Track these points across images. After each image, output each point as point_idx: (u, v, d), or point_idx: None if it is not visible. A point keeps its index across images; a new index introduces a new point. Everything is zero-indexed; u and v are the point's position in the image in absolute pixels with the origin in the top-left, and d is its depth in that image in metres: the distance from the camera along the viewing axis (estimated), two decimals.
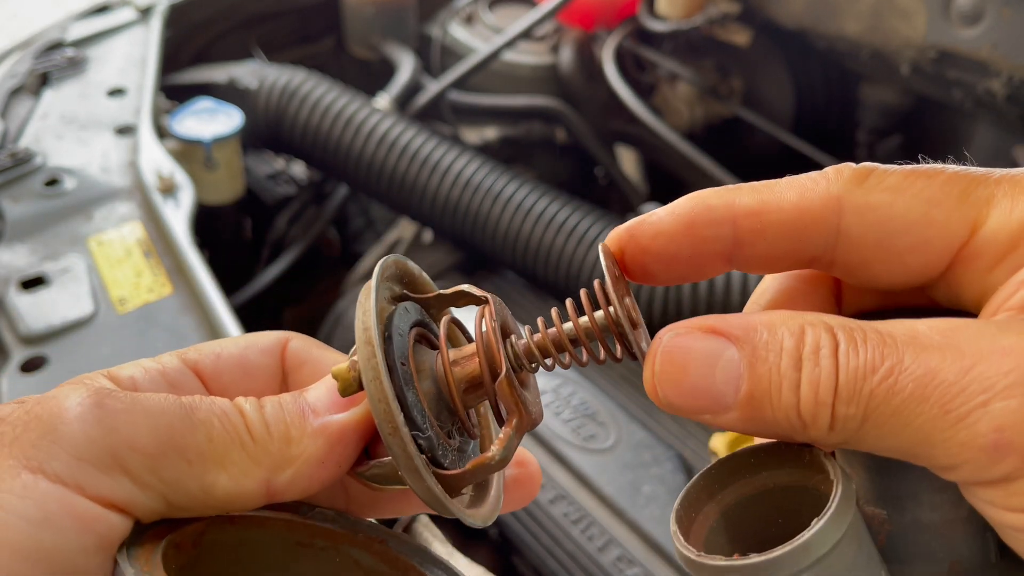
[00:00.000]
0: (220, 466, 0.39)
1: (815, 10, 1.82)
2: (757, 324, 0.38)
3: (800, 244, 0.41)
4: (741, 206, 0.41)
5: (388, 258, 0.44)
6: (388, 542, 0.44)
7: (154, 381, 0.43)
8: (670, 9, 1.98)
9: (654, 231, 0.42)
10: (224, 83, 1.88)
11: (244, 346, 0.47)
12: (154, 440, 0.38)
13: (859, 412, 0.35)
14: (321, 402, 0.42)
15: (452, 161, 1.70)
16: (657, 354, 0.39)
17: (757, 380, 0.37)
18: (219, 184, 1.69)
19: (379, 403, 0.39)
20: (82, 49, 1.78)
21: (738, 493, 0.42)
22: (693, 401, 0.38)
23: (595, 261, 1.56)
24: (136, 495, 0.38)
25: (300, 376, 0.47)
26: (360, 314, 0.40)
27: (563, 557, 1.22)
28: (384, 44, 2.14)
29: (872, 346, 0.36)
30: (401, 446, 0.39)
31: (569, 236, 1.59)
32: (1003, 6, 1.52)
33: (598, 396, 1.38)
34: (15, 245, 1.32)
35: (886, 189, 0.40)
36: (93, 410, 0.38)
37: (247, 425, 0.40)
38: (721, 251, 0.42)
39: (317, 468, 0.40)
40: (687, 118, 2.04)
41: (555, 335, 0.43)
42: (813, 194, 0.40)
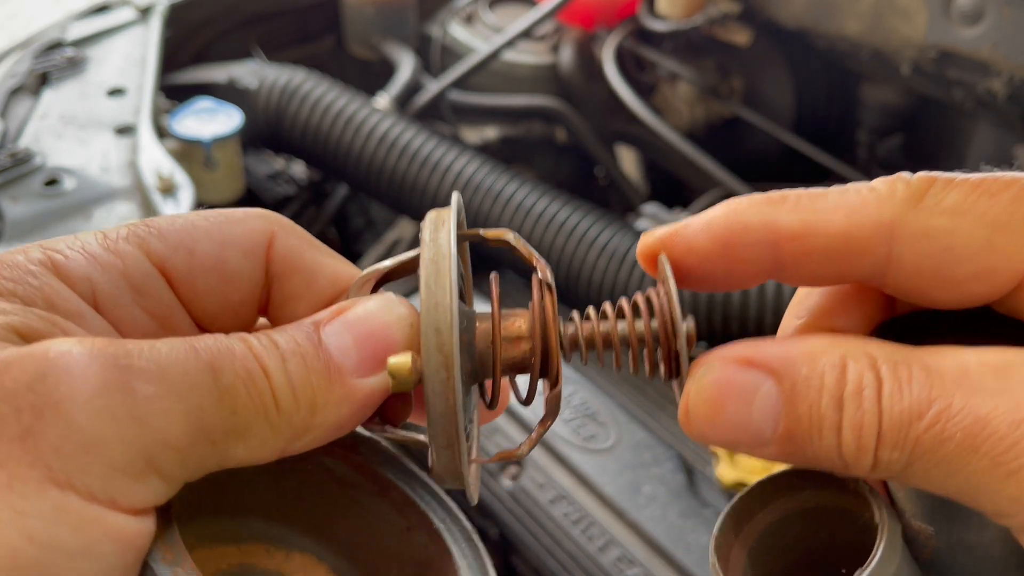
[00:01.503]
0: (240, 439, 0.34)
1: (815, 10, 1.82)
2: (796, 357, 0.35)
3: (847, 269, 0.38)
4: (783, 228, 0.38)
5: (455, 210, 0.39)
6: (361, 451, 0.41)
7: (115, 284, 0.37)
8: (670, 9, 1.98)
9: (687, 247, 0.39)
10: (224, 83, 1.88)
11: (221, 241, 0.39)
12: (187, 430, 0.33)
13: (903, 457, 0.34)
14: (347, 357, 0.36)
15: (452, 161, 1.70)
16: (691, 392, 0.37)
17: (796, 419, 0.35)
18: (219, 184, 1.69)
19: (441, 418, 0.35)
20: (82, 49, 1.78)
21: (779, 511, 0.41)
22: (729, 436, 0.36)
23: (594, 261, 1.56)
24: (163, 491, 0.33)
25: (289, 286, 0.40)
26: (432, 308, 0.35)
27: (563, 557, 1.22)
28: (384, 44, 2.14)
29: (918, 386, 0.33)
30: (452, 459, 0.36)
31: (569, 236, 1.59)
32: (1004, 6, 1.52)
33: (598, 396, 1.38)
34: (15, 245, 1.31)
35: (944, 212, 0.36)
36: (124, 401, 0.31)
37: (273, 390, 0.34)
38: (759, 271, 0.39)
39: (335, 432, 0.36)
40: (687, 118, 2.04)
41: (606, 332, 0.40)
42: (862, 217, 0.37)
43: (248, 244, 0.39)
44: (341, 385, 0.36)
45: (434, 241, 0.37)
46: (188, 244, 0.38)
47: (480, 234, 0.41)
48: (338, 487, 0.42)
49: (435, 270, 0.36)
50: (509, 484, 1.28)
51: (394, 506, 0.41)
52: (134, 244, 0.38)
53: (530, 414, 1.34)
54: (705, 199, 1.84)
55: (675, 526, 1.20)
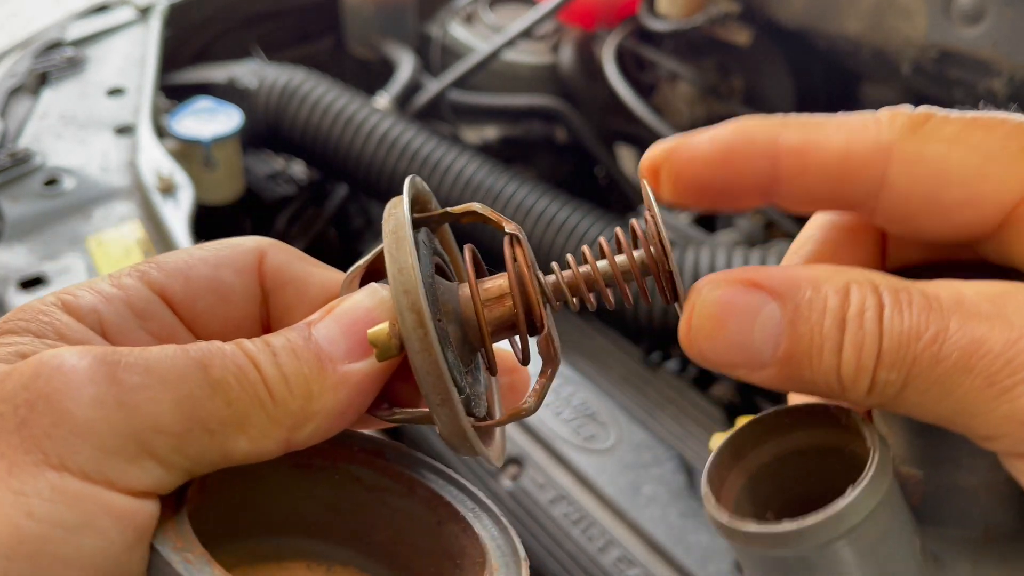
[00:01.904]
0: (240, 430, 0.36)
1: (816, 9, 1.82)
2: (801, 280, 0.36)
3: (842, 189, 0.39)
4: (785, 142, 0.39)
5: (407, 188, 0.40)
6: (385, 455, 0.42)
7: (120, 313, 0.39)
8: (671, 8, 1.98)
9: (690, 155, 0.40)
10: (224, 83, 1.88)
11: (215, 264, 0.41)
12: (179, 417, 0.34)
13: (900, 378, 0.34)
14: (337, 346, 0.38)
15: (452, 161, 1.70)
16: (694, 306, 0.37)
17: (798, 339, 0.35)
18: (219, 184, 1.69)
19: (429, 375, 0.36)
20: (81, 49, 1.78)
21: (771, 452, 0.41)
22: (729, 356, 0.37)
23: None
24: (163, 477, 0.34)
25: (283, 297, 0.42)
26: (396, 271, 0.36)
27: (563, 558, 1.22)
28: (384, 43, 2.14)
29: (918, 309, 0.34)
30: (450, 415, 0.37)
31: (569, 236, 1.59)
32: (1004, 6, 1.52)
33: (598, 396, 1.38)
34: (14, 245, 1.31)
35: (941, 139, 0.38)
36: (110, 389, 0.34)
37: (265, 381, 0.36)
38: (758, 185, 0.40)
39: (338, 420, 0.38)
40: (687, 118, 2.04)
41: (588, 273, 0.41)
42: (862, 139, 0.38)
43: (240, 263, 0.42)
44: (333, 371, 0.38)
45: (391, 216, 0.38)
46: (184, 270, 0.41)
47: (448, 211, 0.42)
48: (368, 493, 0.42)
49: (395, 239, 0.37)
50: (509, 484, 1.28)
51: (423, 503, 0.42)
52: (135, 277, 0.40)
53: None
54: None
55: (675, 526, 1.20)
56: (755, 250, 1.50)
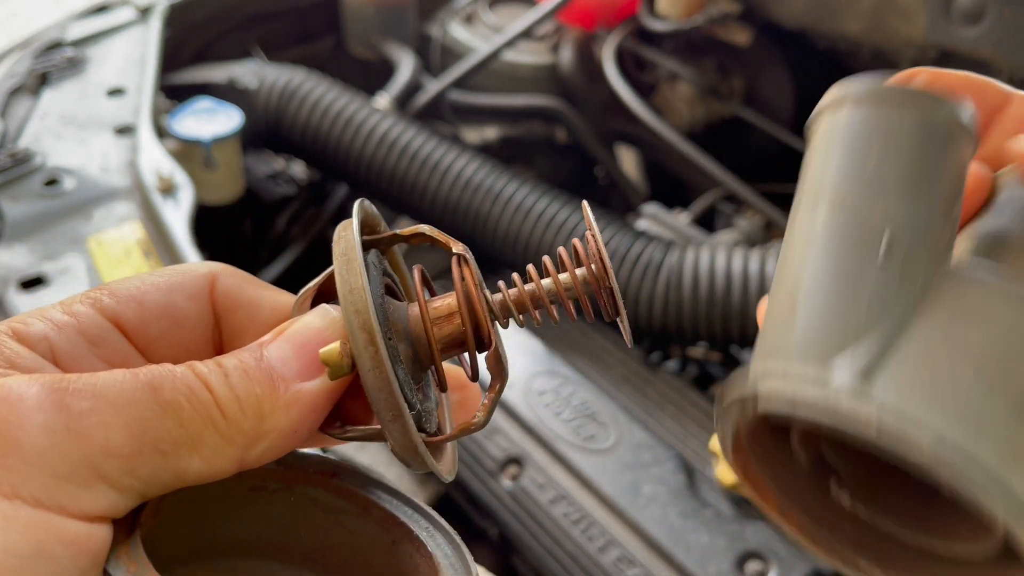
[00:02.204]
0: (192, 450, 0.36)
1: (815, 10, 1.82)
2: None
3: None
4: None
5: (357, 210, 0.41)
6: (340, 476, 0.43)
7: (72, 340, 0.39)
8: (670, 9, 1.98)
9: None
10: (224, 83, 1.88)
11: (168, 290, 0.42)
12: (130, 440, 0.35)
13: None
14: (288, 366, 0.39)
15: (452, 161, 1.70)
16: None
17: None
18: (219, 184, 1.69)
19: (380, 392, 0.37)
20: (81, 49, 1.78)
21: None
22: None
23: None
24: (116, 500, 0.35)
25: (234, 321, 0.43)
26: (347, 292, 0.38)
27: (563, 557, 1.22)
28: (384, 44, 2.14)
29: None
30: (401, 431, 0.38)
31: (569, 236, 1.59)
32: (1004, 6, 1.52)
33: (598, 396, 1.38)
34: (14, 245, 1.31)
35: None
36: (58, 415, 0.34)
37: (217, 402, 0.37)
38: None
39: (290, 438, 0.38)
40: (687, 118, 2.04)
41: (533, 291, 0.42)
42: None
43: (192, 288, 0.43)
44: (285, 391, 0.38)
45: (341, 239, 0.40)
46: (137, 296, 0.41)
47: (398, 234, 0.44)
48: (324, 514, 0.43)
49: (345, 260, 0.39)
50: (509, 484, 1.28)
51: (378, 523, 0.43)
52: (87, 304, 0.41)
53: (528, 412, 1.34)
54: (705, 199, 1.84)
55: (675, 526, 1.20)
56: (755, 250, 1.50)
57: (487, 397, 0.42)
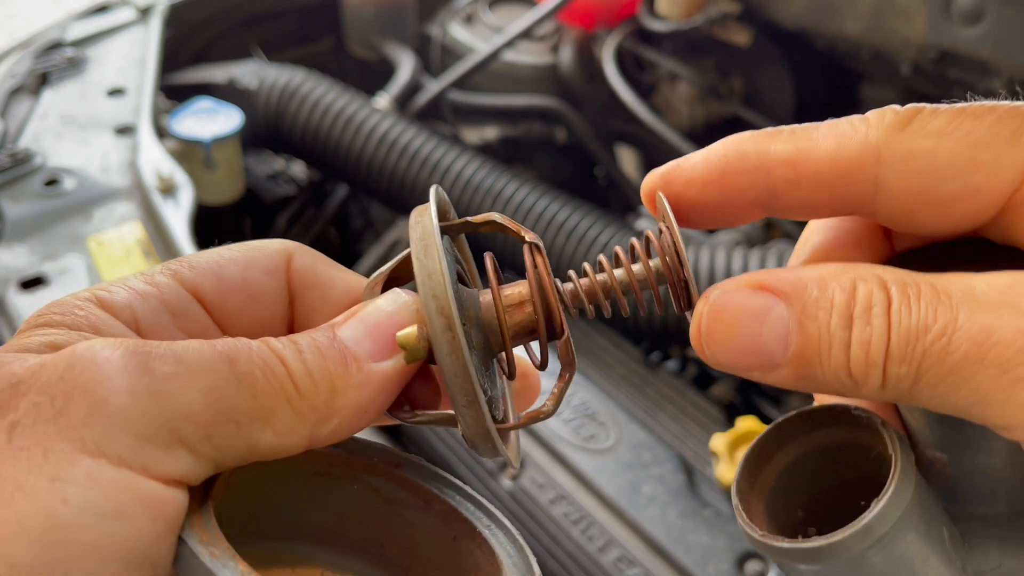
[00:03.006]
0: (266, 423, 0.36)
1: (815, 10, 1.82)
2: (807, 280, 0.36)
3: (837, 194, 0.39)
4: (776, 154, 0.39)
5: (434, 196, 0.41)
6: (404, 468, 0.43)
7: (154, 310, 0.40)
8: (670, 9, 1.98)
9: (686, 178, 0.41)
10: (224, 83, 1.88)
11: (245, 265, 0.43)
12: (208, 407, 0.35)
13: (911, 371, 0.34)
14: (361, 346, 0.39)
15: (452, 161, 1.70)
16: (704, 312, 0.38)
17: (807, 338, 0.36)
18: (219, 184, 1.69)
19: (456, 377, 0.37)
20: (82, 49, 1.78)
21: (795, 452, 0.42)
22: (741, 359, 0.37)
23: (595, 261, 1.56)
24: (193, 467, 0.35)
25: (309, 300, 0.43)
26: (425, 277, 0.38)
27: (563, 557, 1.22)
28: (384, 44, 2.14)
29: (926, 303, 0.34)
30: (475, 417, 0.38)
31: (569, 236, 1.59)
32: (1004, 6, 1.52)
33: (598, 396, 1.38)
34: (15, 245, 1.32)
35: (929, 134, 0.37)
36: (143, 378, 0.34)
37: (290, 375, 0.37)
38: (755, 199, 0.40)
39: (360, 417, 0.38)
40: (687, 118, 2.04)
41: (605, 281, 0.42)
42: (851, 143, 0.38)
43: (269, 264, 0.43)
44: (358, 370, 0.38)
45: (419, 224, 0.39)
46: (216, 270, 0.42)
47: (469, 220, 0.43)
48: (384, 505, 0.43)
49: (423, 246, 0.38)
50: (509, 484, 1.28)
51: (439, 518, 0.42)
52: (168, 275, 0.41)
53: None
54: None
55: (675, 526, 1.20)
56: (755, 250, 1.50)
57: (556, 386, 0.42)
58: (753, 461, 0.42)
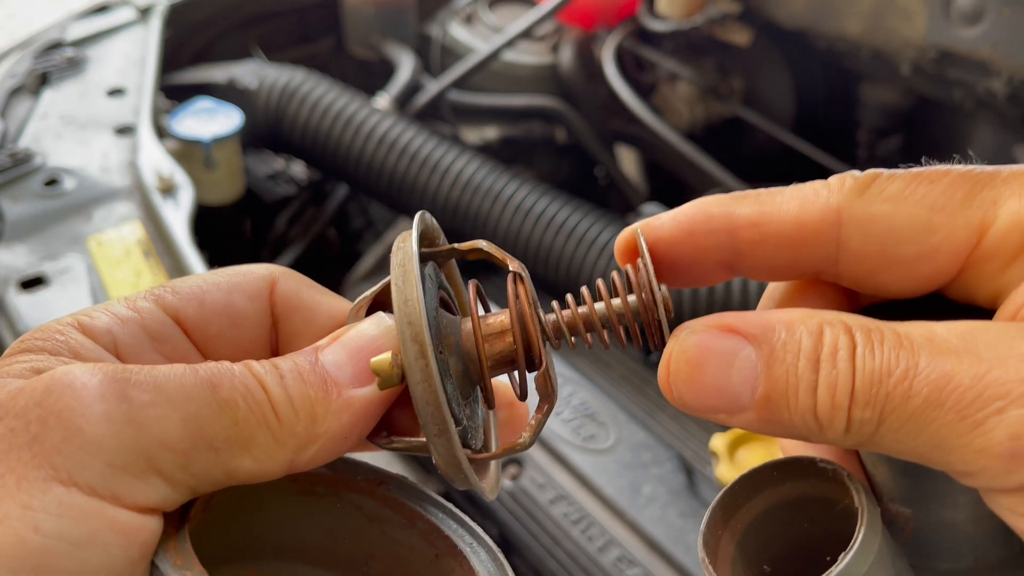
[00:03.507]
0: (245, 449, 0.36)
1: (815, 10, 1.82)
2: (775, 323, 0.37)
3: (800, 256, 0.40)
4: (740, 216, 0.40)
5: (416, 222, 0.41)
6: (387, 485, 0.43)
7: (134, 335, 0.40)
8: (670, 9, 1.98)
9: (655, 236, 0.41)
10: (224, 83, 1.88)
11: (228, 290, 0.43)
12: (185, 434, 0.35)
13: (875, 416, 0.35)
14: (342, 371, 0.39)
15: (452, 161, 1.70)
16: (672, 352, 0.38)
17: (774, 381, 0.36)
18: (219, 184, 1.69)
19: (427, 406, 0.37)
20: (81, 49, 1.78)
21: (762, 505, 0.42)
22: (708, 401, 0.38)
23: (595, 261, 1.56)
24: (168, 494, 0.35)
25: (293, 324, 0.44)
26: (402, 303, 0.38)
27: (563, 557, 1.22)
28: (384, 44, 2.14)
29: (889, 348, 0.35)
30: (447, 447, 0.38)
31: (569, 236, 1.59)
32: (1004, 6, 1.52)
33: (598, 396, 1.38)
34: (15, 245, 1.32)
35: (887, 199, 0.39)
36: (119, 406, 0.34)
37: (271, 402, 0.37)
38: (721, 260, 0.41)
39: (340, 443, 0.39)
40: (687, 118, 2.04)
41: (586, 314, 0.42)
42: (813, 206, 0.40)
43: (252, 289, 0.43)
44: (338, 396, 0.39)
45: (400, 250, 0.40)
46: (198, 295, 0.42)
47: (455, 247, 0.44)
48: (368, 522, 0.43)
49: (402, 272, 0.39)
50: (509, 484, 1.28)
51: (422, 535, 0.43)
52: (150, 301, 0.41)
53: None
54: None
55: (675, 526, 1.20)
56: None
57: (534, 418, 0.42)
58: (721, 512, 0.42)
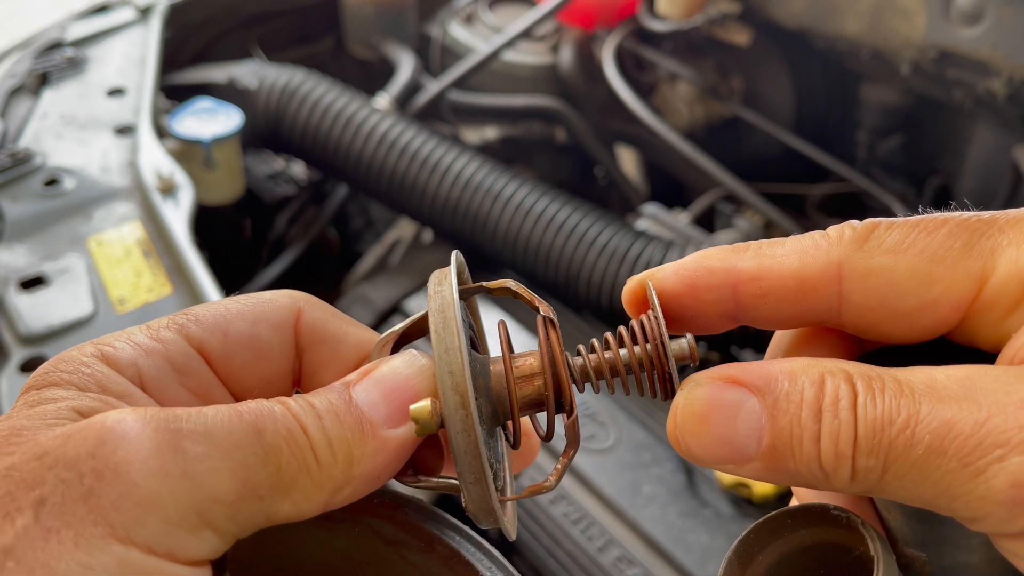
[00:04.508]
0: (286, 495, 0.37)
1: (815, 10, 1.82)
2: (778, 373, 0.37)
3: (803, 309, 0.41)
4: (742, 271, 0.41)
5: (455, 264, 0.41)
6: (406, 509, 0.43)
7: (159, 367, 0.40)
8: (670, 9, 1.98)
9: (660, 288, 0.42)
10: (224, 83, 1.88)
11: (253, 320, 0.43)
12: (235, 486, 0.35)
13: (879, 464, 0.35)
14: (377, 411, 0.39)
15: (452, 161, 1.70)
16: (679, 406, 0.39)
17: (778, 432, 0.37)
18: (219, 184, 1.69)
19: (465, 455, 0.38)
20: (82, 49, 1.78)
21: (778, 552, 0.42)
22: (715, 452, 0.38)
23: (594, 261, 1.56)
24: (217, 545, 0.36)
25: (319, 355, 0.44)
26: (443, 352, 0.38)
27: (563, 557, 1.22)
28: (384, 44, 2.14)
29: (890, 396, 0.35)
30: (481, 493, 0.39)
31: (569, 236, 1.59)
32: (1004, 6, 1.52)
33: (598, 396, 1.38)
34: (15, 245, 1.32)
35: (887, 251, 0.39)
36: (175, 459, 0.34)
37: (312, 446, 0.37)
38: (725, 312, 0.42)
39: (372, 483, 0.39)
40: (687, 118, 2.04)
41: (612, 360, 0.42)
42: (813, 260, 0.40)
43: (278, 319, 0.43)
44: (374, 437, 0.39)
45: (438, 294, 0.40)
46: (223, 325, 0.42)
47: (484, 286, 0.44)
48: (387, 547, 0.43)
49: (442, 319, 0.39)
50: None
51: (440, 560, 0.43)
52: (174, 331, 0.41)
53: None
54: (705, 199, 1.84)
55: (675, 526, 1.20)
56: None
57: (560, 462, 0.42)
58: (737, 561, 0.42)
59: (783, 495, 1.23)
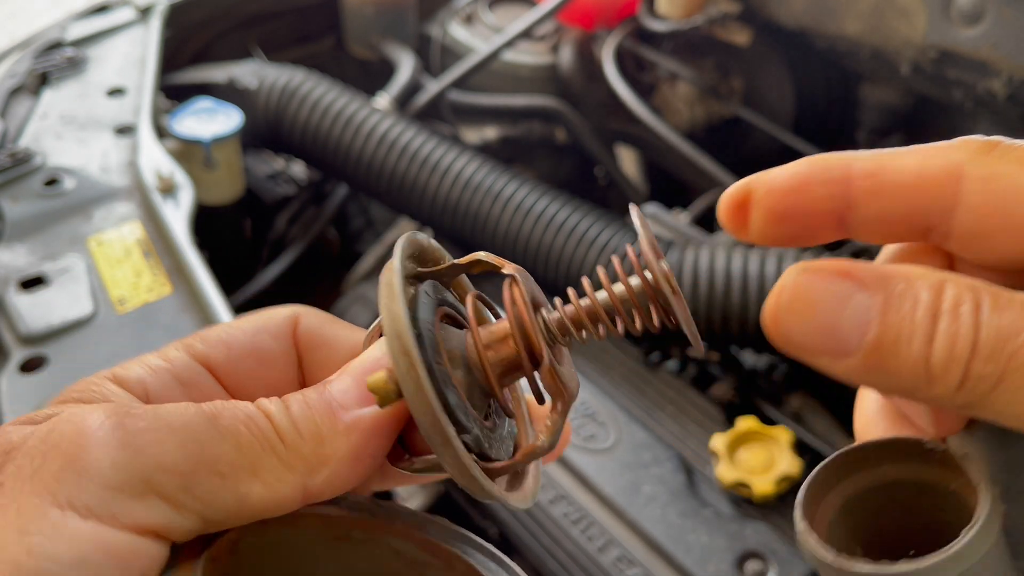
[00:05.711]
0: (253, 475, 0.37)
1: (815, 10, 1.82)
2: (893, 274, 0.36)
3: (917, 209, 0.39)
4: (859, 166, 0.40)
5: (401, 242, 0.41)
6: (427, 529, 0.43)
7: (165, 383, 0.42)
8: (670, 9, 1.98)
9: (768, 187, 0.41)
10: (224, 83, 1.88)
11: (253, 332, 0.44)
12: (183, 456, 0.36)
13: (996, 372, 0.33)
14: (348, 395, 0.40)
15: (452, 161, 1.70)
16: (783, 288, 0.37)
17: (887, 327, 0.35)
18: (219, 184, 1.69)
19: (425, 416, 0.37)
20: (82, 49, 1.78)
21: (859, 484, 0.41)
22: (814, 339, 0.36)
23: (595, 260, 1.56)
24: (173, 517, 0.35)
25: (317, 359, 0.45)
26: (387, 318, 0.37)
27: (563, 557, 1.22)
28: (384, 44, 2.14)
29: (1019, 310, 0.34)
30: (453, 456, 0.37)
31: (569, 236, 1.59)
32: (1004, 6, 1.52)
33: (598, 396, 1.38)
34: (14, 245, 1.32)
35: (1012, 160, 0.38)
36: (115, 432, 0.35)
37: (275, 428, 0.38)
38: (834, 210, 0.40)
39: (352, 465, 0.39)
40: (687, 118, 2.04)
41: (589, 306, 0.41)
42: (934, 160, 0.39)
43: (276, 329, 0.45)
44: (344, 416, 0.39)
45: (387, 268, 0.40)
46: (225, 339, 0.44)
47: (455, 263, 0.44)
48: (407, 567, 0.43)
49: (387, 289, 0.39)
50: None
51: None
52: (181, 349, 0.44)
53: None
54: (705, 199, 1.84)
55: (675, 526, 1.20)
56: (755, 251, 1.50)
57: (548, 418, 0.41)
58: (817, 488, 0.41)
59: (784, 495, 1.23)
